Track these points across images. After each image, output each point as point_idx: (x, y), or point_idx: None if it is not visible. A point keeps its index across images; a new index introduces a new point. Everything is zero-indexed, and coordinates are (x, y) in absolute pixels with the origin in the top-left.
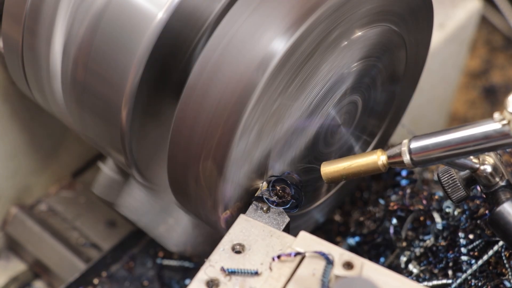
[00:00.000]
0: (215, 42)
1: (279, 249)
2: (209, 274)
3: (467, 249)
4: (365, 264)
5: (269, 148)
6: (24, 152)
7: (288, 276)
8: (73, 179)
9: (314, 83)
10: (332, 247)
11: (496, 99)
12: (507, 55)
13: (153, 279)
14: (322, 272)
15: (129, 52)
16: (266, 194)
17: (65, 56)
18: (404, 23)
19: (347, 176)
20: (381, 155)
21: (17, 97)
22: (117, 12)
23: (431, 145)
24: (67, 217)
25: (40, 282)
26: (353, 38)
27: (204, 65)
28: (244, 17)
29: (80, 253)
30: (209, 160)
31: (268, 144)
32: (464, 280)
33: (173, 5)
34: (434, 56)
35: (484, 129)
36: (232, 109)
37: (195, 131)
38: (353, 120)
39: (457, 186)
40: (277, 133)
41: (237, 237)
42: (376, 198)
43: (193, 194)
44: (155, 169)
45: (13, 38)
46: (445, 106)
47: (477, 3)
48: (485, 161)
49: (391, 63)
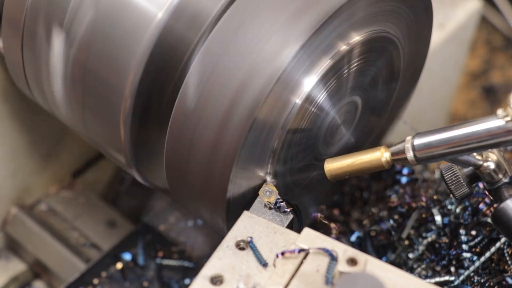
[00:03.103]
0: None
1: (283, 245)
2: (214, 270)
3: (469, 246)
4: (369, 260)
5: (273, 147)
6: (24, 152)
7: (292, 273)
8: (73, 179)
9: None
10: (336, 243)
11: (496, 99)
12: (507, 55)
13: (153, 279)
14: (326, 268)
15: (129, 52)
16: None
17: (65, 56)
18: (404, 21)
19: (351, 173)
20: (384, 152)
21: (17, 97)
22: (117, 12)
23: (435, 142)
24: (67, 217)
25: (40, 282)
26: (352, 42)
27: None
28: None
29: (80, 253)
30: (212, 161)
31: (272, 143)
32: (467, 277)
33: (173, 5)
34: (434, 56)
35: (487, 125)
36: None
37: (195, 132)
38: (353, 119)
39: (460, 183)
40: (282, 133)
41: (241, 234)
42: (376, 198)
43: (194, 195)
44: (155, 169)
45: (13, 38)
46: (445, 106)
47: (477, 3)
48: (488, 157)
49: (390, 61)
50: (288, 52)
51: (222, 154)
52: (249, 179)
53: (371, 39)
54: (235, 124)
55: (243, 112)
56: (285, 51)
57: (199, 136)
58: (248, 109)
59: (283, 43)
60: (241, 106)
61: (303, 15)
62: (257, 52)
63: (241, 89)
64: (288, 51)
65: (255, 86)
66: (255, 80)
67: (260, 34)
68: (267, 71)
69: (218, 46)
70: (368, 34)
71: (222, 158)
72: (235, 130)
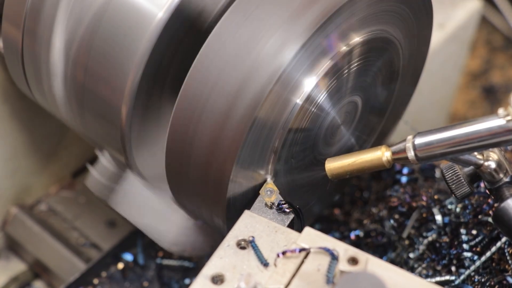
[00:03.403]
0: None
1: (284, 245)
2: (214, 269)
3: (469, 245)
4: (370, 259)
5: (273, 147)
6: (24, 152)
7: (293, 272)
8: (73, 179)
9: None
10: (337, 242)
11: (496, 99)
12: (507, 55)
13: (153, 279)
14: (327, 268)
15: (129, 52)
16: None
17: (65, 56)
18: (404, 20)
19: (352, 172)
20: (385, 151)
21: (17, 97)
22: (117, 12)
23: (436, 141)
24: (67, 217)
25: (40, 282)
26: (352, 43)
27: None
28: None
29: (80, 253)
30: (213, 161)
31: (273, 143)
32: (467, 276)
33: (173, 5)
34: (434, 56)
35: (488, 125)
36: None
37: (196, 132)
38: (353, 119)
39: (461, 182)
40: (282, 132)
41: (242, 233)
42: (376, 198)
43: (195, 196)
44: (155, 169)
45: (13, 39)
46: (445, 106)
47: (477, 3)
48: (489, 157)
49: (390, 61)
50: (289, 52)
51: (222, 154)
52: (249, 178)
53: (371, 39)
54: (236, 124)
55: (244, 111)
56: (286, 50)
57: (200, 135)
58: (249, 109)
59: (284, 42)
60: (241, 105)
61: (304, 15)
62: (258, 52)
63: (241, 88)
64: (289, 51)
65: (256, 85)
66: (256, 80)
67: (260, 34)
68: (267, 70)
69: (218, 45)
70: (368, 35)
71: (222, 157)
72: (236, 129)
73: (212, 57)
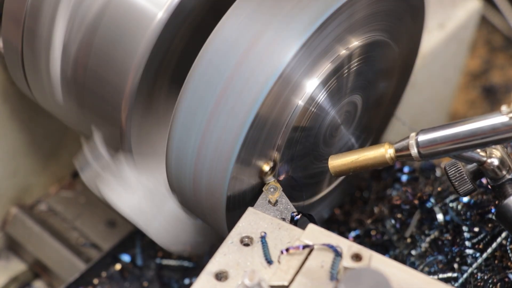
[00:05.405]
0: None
1: (288, 241)
2: (218, 266)
3: (471, 242)
4: (373, 256)
5: (274, 146)
6: (24, 152)
7: (296, 269)
8: (73, 179)
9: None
10: (341, 239)
11: (496, 99)
12: (507, 55)
13: (153, 279)
14: (331, 264)
15: (129, 52)
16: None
17: (65, 56)
18: (400, 19)
19: (355, 169)
20: (388, 148)
21: (17, 97)
22: (117, 12)
23: (439, 138)
24: (67, 217)
25: (40, 282)
26: (351, 47)
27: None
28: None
29: (80, 253)
30: (214, 159)
31: (274, 141)
32: (470, 273)
33: (173, 5)
34: (434, 56)
35: (491, 122)
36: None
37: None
38: (353, 119)
39: (464, 179)
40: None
41: (245, 230)
42: (376, 198)
43: (195, 196)
44: (155, 169)
45: (13, 39)
46: (445, 106)
47: (477, 3)
48: (492, 154)
49: (387, 61)
50: (289, 51)
51: (223, 151)
52: (250, 176)
53: (370, 42)
54: (237, 121)
55: (245, 109)
56: (286, 49)
57: (201, 134)
58: (250, 107)
59: (284, 41)
60: (242, 103)
61: (305, 14)
62: (258, 51)
63: (242, 87)
64: (289, 50)
65: (256, 83)
66: (256, 78)
67: (260, 32)
68: (268, 69)
69: (218, 45)
70: (367, 37)
71: (223, 155)
72: (237, 127)
73: (213, 56)
